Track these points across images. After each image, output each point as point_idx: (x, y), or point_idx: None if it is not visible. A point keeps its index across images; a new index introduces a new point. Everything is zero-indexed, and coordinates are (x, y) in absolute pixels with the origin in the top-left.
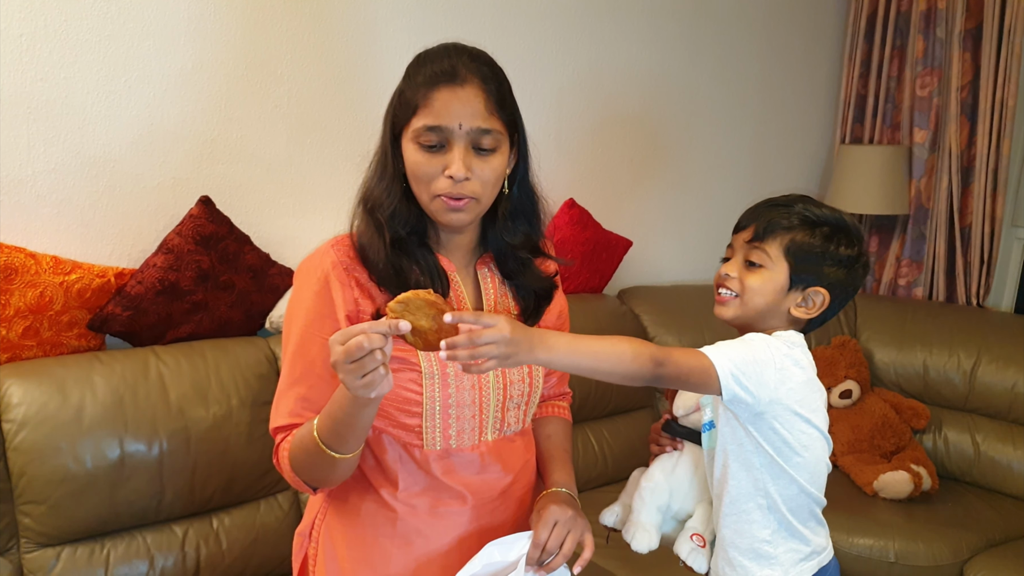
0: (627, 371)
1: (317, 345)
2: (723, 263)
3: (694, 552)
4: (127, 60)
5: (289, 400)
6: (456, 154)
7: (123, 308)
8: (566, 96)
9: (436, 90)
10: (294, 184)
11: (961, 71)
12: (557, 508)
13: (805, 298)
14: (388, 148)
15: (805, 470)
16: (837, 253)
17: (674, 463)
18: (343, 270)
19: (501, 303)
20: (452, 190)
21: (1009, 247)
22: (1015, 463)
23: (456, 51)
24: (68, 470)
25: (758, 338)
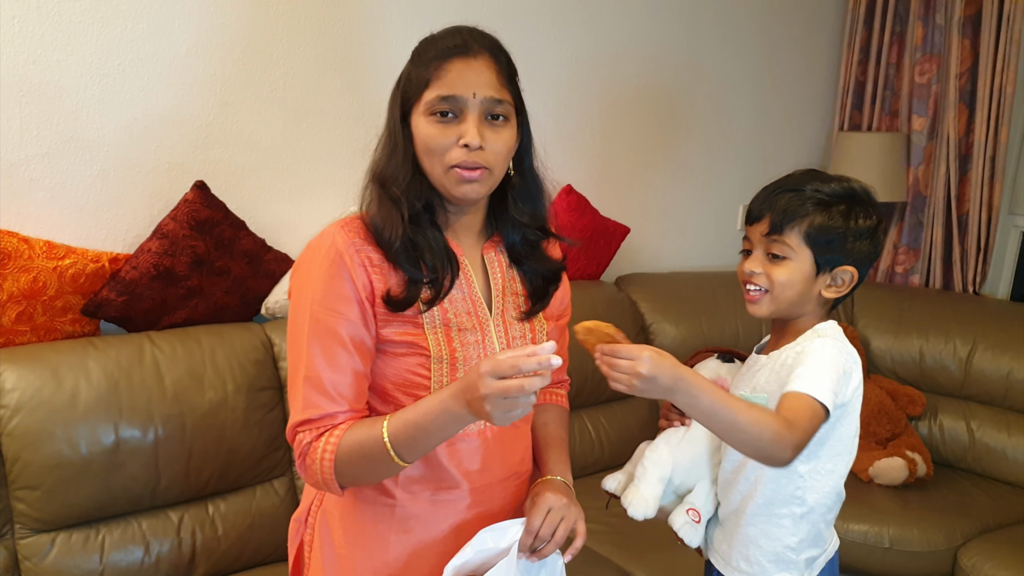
0: (763, 452)
1: (337, 326)
2: (743, 256)
3: (687, 526)
4: (121, 43)
5: (316, 384)
6: (471, 122)
7: (118, 293)
8: (564, 82)
9: (449, 62)
10: (290, 169)
11: (960, 58)
12: (551, 496)
13: (834, 278)
14: (398, 127)
15: (845, 468)
16: (857, 227)
17: (680, 438)
18: (355, 251)
19: (509, 287)
20: (467, 158)
21: (1006, 235)
22: (1009, 449)
23: (464, 28)
24: (63, 456)
25: (826, 349)
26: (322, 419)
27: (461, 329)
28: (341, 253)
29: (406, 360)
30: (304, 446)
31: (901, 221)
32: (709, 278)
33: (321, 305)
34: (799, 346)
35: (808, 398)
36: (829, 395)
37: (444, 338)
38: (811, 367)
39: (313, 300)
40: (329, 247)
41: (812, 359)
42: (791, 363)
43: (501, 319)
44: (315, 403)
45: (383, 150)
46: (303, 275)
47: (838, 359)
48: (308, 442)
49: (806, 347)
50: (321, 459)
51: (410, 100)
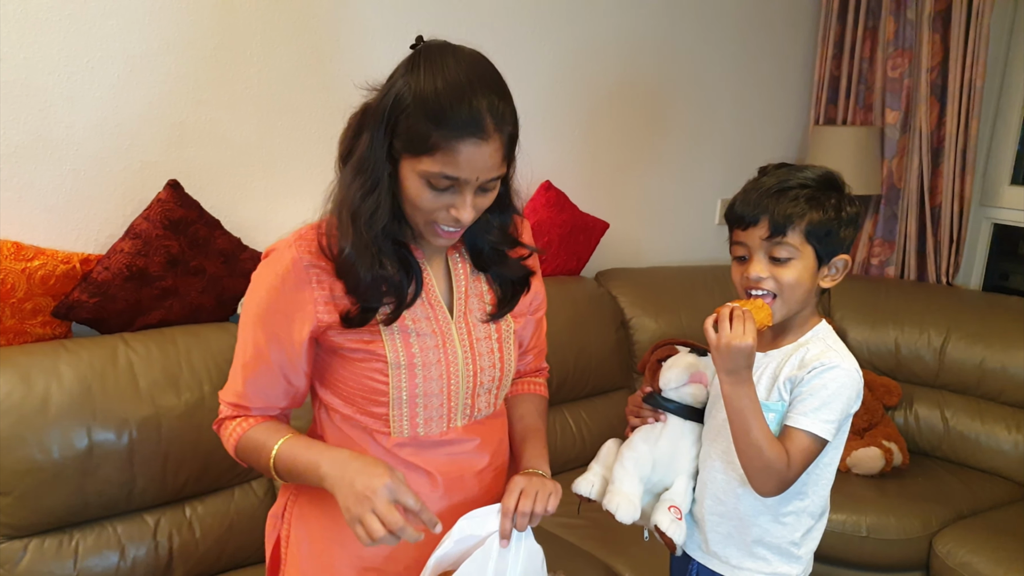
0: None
1: (268, 343)
2: (737, 263)
3: (673, 524)
4: (89, 40)
5: (240, 383)
6: (467, 200)
7: (89, 295)
8: (543, 78)
9: (462, 142)
10: (265, 167)
11: (931, 52)
12: (520, 477)
13: (831, 267)
14: (381, 166)
15: (838, 460)
16: (847, 216)
17: (658, 434)
18: (304, 267)
19: (473, 288)
20: (454, 227)
21: (977, 226)
22: (983, 437)
23: (482, 89)
24: (34, 460)
25: (841, 382)
26: (236, 407)
27: (420, 334)
28: (289, 270)
29: (363, 366)
30: (221, 417)
31: (876, 214)
32: (688, 272)
33: (260, 317)
34: (811, 356)
35: (809, 437)
36: (831, 428)
37: (402, 344)
38: (822, 400)
39: (254, 309)
40: (277, 265)
41: (825, 391)
42: (807, 387)
43: (464, 321)
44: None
45: (359, 183)
46: (254, 282)
47: (851, 388)
48: (223, 417)
49: (823, 374)
50: (228, 437)
51: (403, 149)
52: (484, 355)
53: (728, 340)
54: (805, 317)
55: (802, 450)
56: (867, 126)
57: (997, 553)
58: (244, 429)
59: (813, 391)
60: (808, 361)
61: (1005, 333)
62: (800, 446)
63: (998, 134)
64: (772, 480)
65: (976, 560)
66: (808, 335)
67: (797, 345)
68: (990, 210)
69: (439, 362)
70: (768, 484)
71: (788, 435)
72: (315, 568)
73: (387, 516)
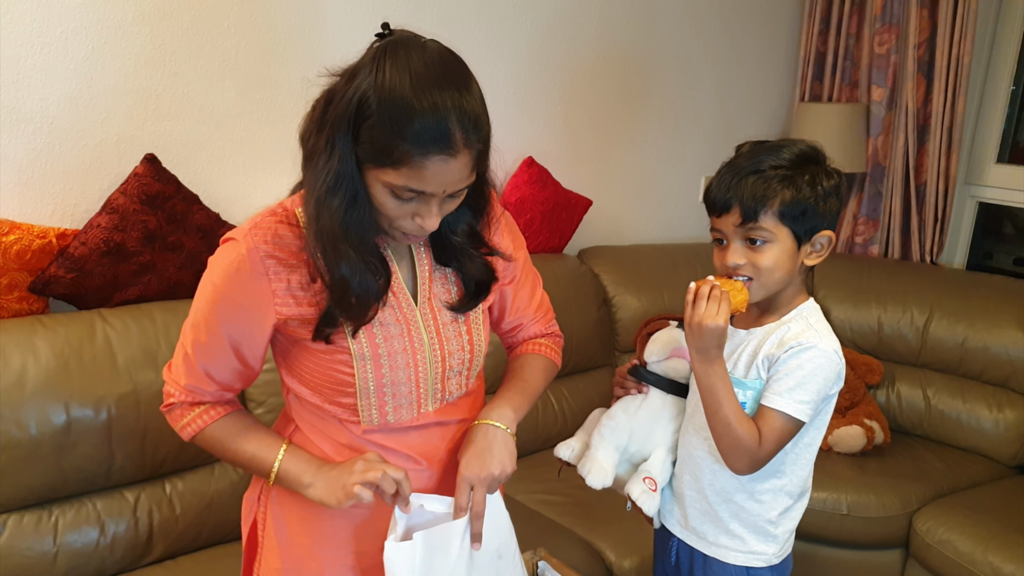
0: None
1: (221, 324)
2: (715, 246)
3: (645, 494)
4: (63, 10)
5: (192, 365)
6: (432, 210)
7: (66, 270)
8: (524, 53)
9: (427, 159)
10: (243, 141)
11: (919, 28)
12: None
13: (813, 245)
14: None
15: (819, 442)
16: (825, 190)
17: (637, 406)
18: (259, 258)
19: (438, 273)
20: (419, 233)
21: (962, 205)
22: (964, 416)
23: (451, 97)
24: (11, 436)
25: (819, 363)
26: (190, 391)
27: (383, 324)
28: (244, 261)
29: (327, 358)
30: (171, 403)
31: (860, 192)
32: (671, 250)
33: (212, 301)
34: (791, 335)
35: (784, 417)
36: (807, 408)
37: (366, 335)
38: (797, 380)
39: (208, 292)
40: (232, 254)
41: (801, 371)
42: (783, 366)
43: (429, 307)
44: (187, 375)
45: (339, 205)
46: (209, 268)
47: (830, 370)
48: (175, 403)
49: (800, 354)
50: (184, 427)
51: (367, 159)
52: (451, 339)
53: (700, 319)
54: (790, 296)
55: (775, 430)
56: (853, 103)
57: (976, 531)
58: (206, 422)
59: (789, 371)
60: (787, 340)
61: (988, 312)
62: (773, 426)
63: (984, 112)
64: (743, 458)
65: (955, 538)
66: (792, 313)
67: (779, 323)
68: (975, 188)
69: (405, 351)
70: (739, 462)
71: (762, 414)
72: (291, 551)
73: (367, 472)
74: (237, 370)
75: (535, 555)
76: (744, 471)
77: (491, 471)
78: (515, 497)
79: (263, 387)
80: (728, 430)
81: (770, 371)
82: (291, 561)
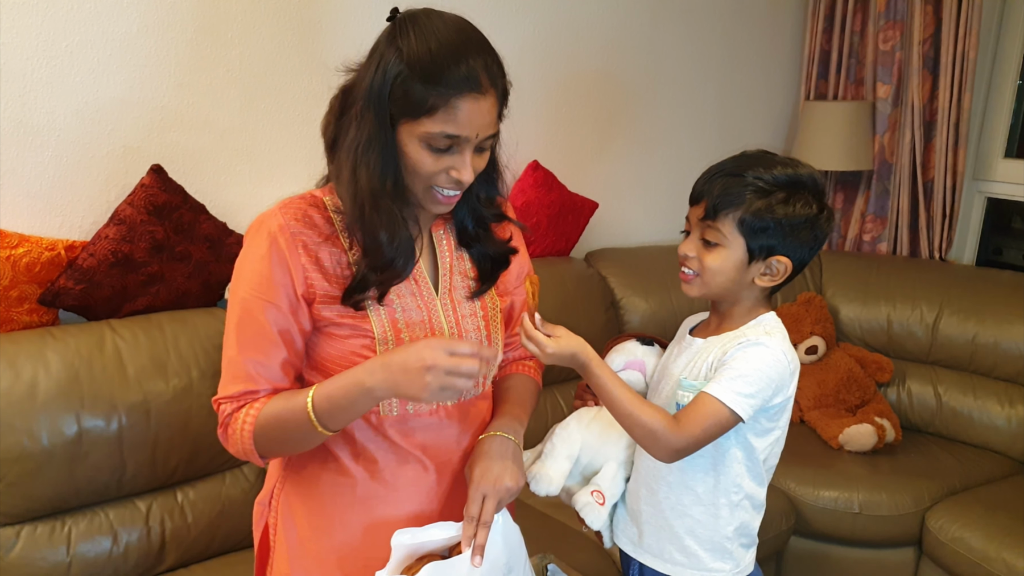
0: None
1: (265, 310)
2: (683, 236)
3: (589, 506)
4: (68, 23)
5: (241, 366)
6: (467, 159)
7: (75, 282)
8: (528, 55)
9: (461, 99)
10: (249, 151)
11: (923, 24)
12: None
13: (768, 266)
14: (389, 136)
15: (775, 460)
16: (795, 216)
17: (591, 417)
18: (291, 234)
19: (457, 266)
20: (455, 189)
21: (971, 200)
22: (975, 412)
23: (474, 48)
24: (24, 447)
25: (762, 359)
26: (242, 396)
27: (405, 310)
28: (276, 237)
29: (350, 342)
30: (226, 416)
31: (868, 190)
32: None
33: (251, 291)
34: (744, 339)
35: (716, 403)
36: (744, 402)
37: (388, 320)
38: (739, 372)
39: (244, 284)
40: (264, 232)
41: (744, 364)
42: (728, 358)
43: (449, 298)
44: (238, 381)
45: (374, 161)
46: (240, 257)
47: (773, 368)
48: (229, 413)
49: (747, 348)
50: (241, 430)
51: (401, 114)
52: (470, 332)
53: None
54: (748, 308)
55: (701, 413)
56: (858, 101)
57: (989, 528)
58: (257, 411)
59: (732, 363)
60: (734, 342)
61: (998, 308)
62: (699, 409)
63: (991, 106)
64: (660, 444)
65: (968, 535)
66: (751, 324)
67: (737, 334)
68: (983, 184)
69: (426, 338)
70: (659, 449)
71: (694, 400)
72: (302, 555)
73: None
74: (285, 359)
75: (544, 558)
76: (666, 458)
77: (505, 483)
78: (525, 501)
79: None
80: (634, 420)
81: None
82: (302, 566)
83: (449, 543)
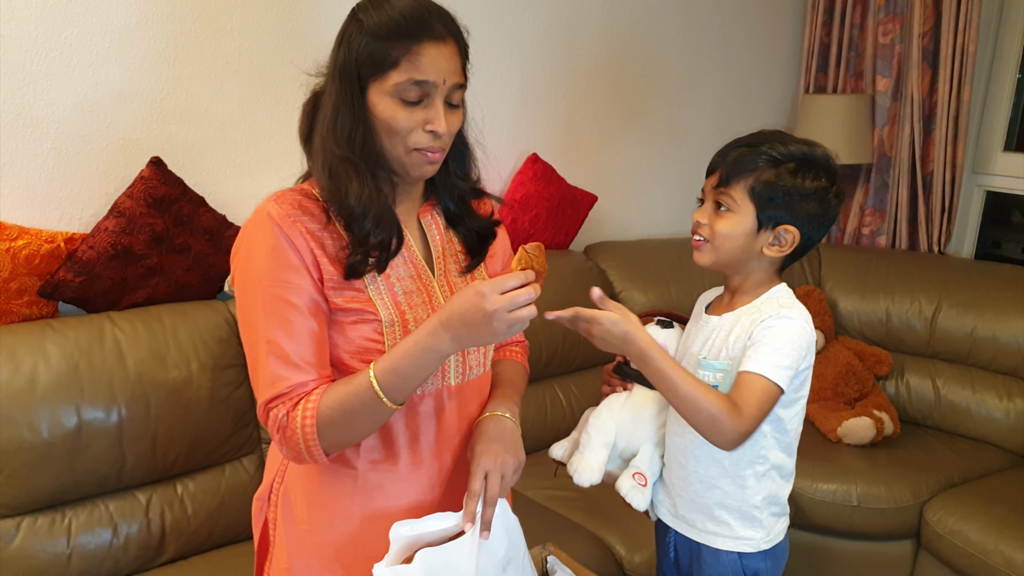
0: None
1: (289, 295)
2: (698, 205)
3: (634, 490)
4: (66, 15)
5: (281, 361)
6: (439, 109)
7: (75, 274)
8: (528, 49)
9: (421, 45)
10: (248, 143)
11: (923, 17)
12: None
13: (776, 237)
14: (357, 101)
15: (799, 427)
16: (803, 187)
17: (621, 403)
18: (292, 221)
19: (448, 248)
20: (433, 144)
21: (970, 194)
22: (974, 406)
23: (430, 6)
24: (23, 439)
25: (792, 328)
26: (292, 390)
27: (407, 292)
28: (279, 224)
29: (358, 328)
30: (280, 420)
31: (867, 183)
32: (677, 244)
33: (270, 279)
34: (762, 315)
35: (764, 380)
36: (786, 375)
37: (391, 302)
38: (773, 346)
39: (260, 276)
40: (266, 221)
41: (776, 338)
42: (757, 335)
43: (444, 279)
44: (282, 376)
45: (342, 125)
46: (244, 255)
47: (802, 336)
48: (284, 414)
49: (773, 323)
50: (302, 427)
51: (369, 75)
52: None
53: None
54: (760, 280)
55: (754, 393)
56: (858, 94)
57: (987, 520)
58: (315, 404)
59: (764, 339)
60: (757, 318)
61: (996, 302)
62: (751, 389)
63: (991, 100)
64: (724, 431)
65: (966, 528)
66: (763, 297)
67: (752, 308)
68: (982, 177)
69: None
70: (722, 436)
71: (739, 382)
72: (301, 548)
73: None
74: (320, 339)
75: (544, 550)
76: (730, 444)
77: (506, 459)
78: (524, 493)
79: None
80: (696, 407)
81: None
82: (302, 559)
83: (448, 533)
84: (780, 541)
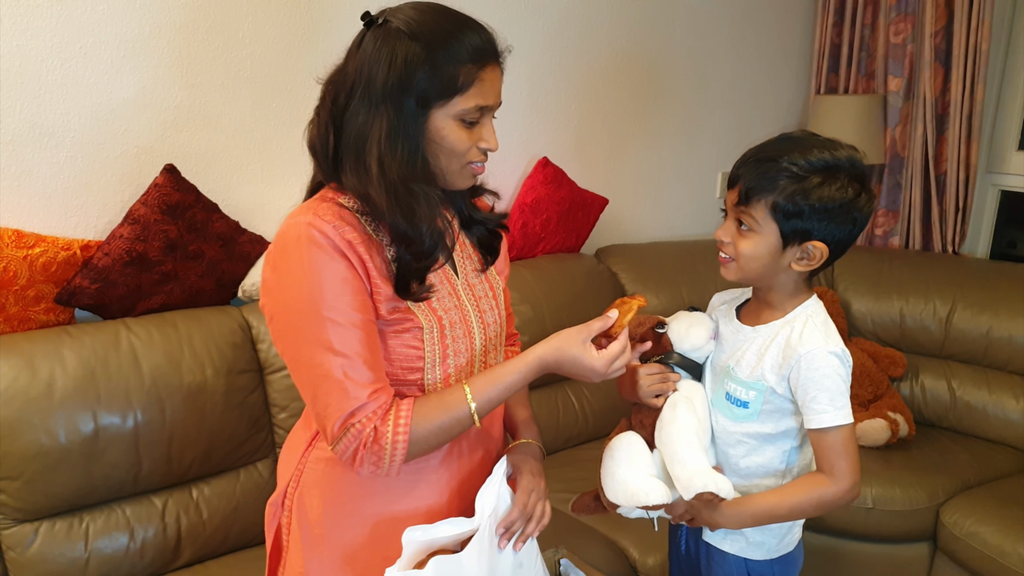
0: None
1: (348, 308)
2: (723, 218)
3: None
4: (81, 25)
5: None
6: (491, 128)
7: (91, 281)
8: (538, 52)
9: (485, 70)
10: (261, 150)
11: (935, 16)
12: (529, 478)
13: (804, 251)
14: (414, 122)
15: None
16: (829, 200)
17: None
18: (339, 233)
19: (463, 249)
20: (483, 158)
21: (984, 193)
22: (990, 407)
23: (469, 21)
24: (41, 445)
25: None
26: (369, 402)
27: (439, 297)
28: (329, 235)
29: (401, 336)
30: (367, 435)
31: (879, 183)
32: (689, 247)
33: (332, 293)
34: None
35: (838, 430)
36: (848, 408)
37: (428, 308)
38: (829, 393)
39: (318, 293)
40: (312, 235)
41: (827, 381)
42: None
43: (465, 280)
44: (355, 392)
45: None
46: (296, 274)
47: (844, 366)
48: (372, 429)
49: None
50: (393, 443)
51: (436, 100)
52: (487, 311)
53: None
54: (790, 293)
55: (841, 443)
56: (869, 94)
57: (1004, 523)
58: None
59: (818, 386)
60: (793, 345)
61: (1012, 302)
62: (834, 448)
63: (1004, 99)
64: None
65: (983, 530)
66: (795, 312)
67: (784, 323)
68: (997, 177)
69: (460, 321)
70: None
71: (818, 445)
72: (316, 552)
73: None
74: (373, 346)
75: (557, 553)
76: (850, 502)
77: (539, 482)
78: None
79: (284, 392)
80: (804, 512)
81: (798, 395)
82: (316, 563)
83: (460, 538)
84: (791, 550)
